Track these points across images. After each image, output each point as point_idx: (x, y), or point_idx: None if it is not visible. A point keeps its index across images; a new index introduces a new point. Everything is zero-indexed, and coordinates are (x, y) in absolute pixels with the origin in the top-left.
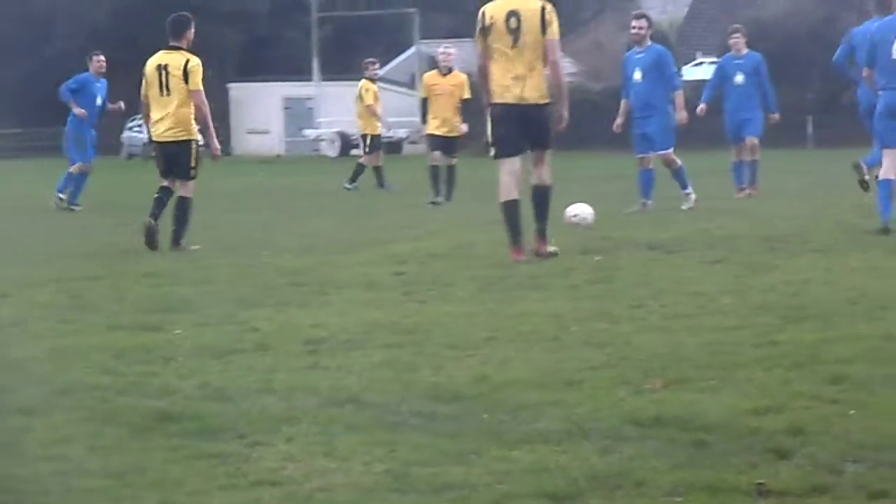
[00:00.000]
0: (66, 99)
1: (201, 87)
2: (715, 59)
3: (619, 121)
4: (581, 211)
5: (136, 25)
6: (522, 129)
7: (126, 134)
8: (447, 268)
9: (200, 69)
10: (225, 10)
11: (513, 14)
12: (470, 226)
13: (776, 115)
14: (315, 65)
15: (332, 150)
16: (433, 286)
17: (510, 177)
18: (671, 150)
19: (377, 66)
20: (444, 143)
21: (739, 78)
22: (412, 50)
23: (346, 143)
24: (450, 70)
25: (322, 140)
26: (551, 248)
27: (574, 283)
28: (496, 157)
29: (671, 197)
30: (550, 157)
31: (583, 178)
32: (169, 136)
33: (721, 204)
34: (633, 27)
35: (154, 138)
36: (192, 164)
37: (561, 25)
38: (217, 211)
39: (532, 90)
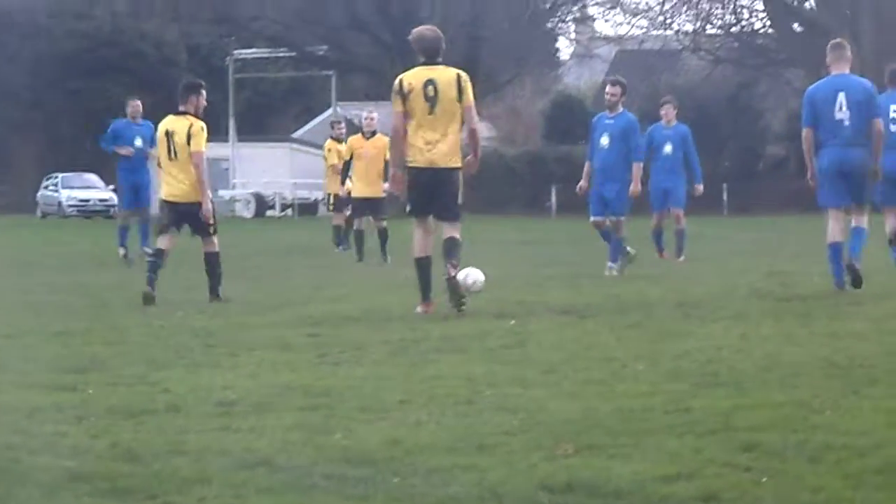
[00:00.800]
0: (109, 149)
1: (202, 150)
2: None
3: (582, 183)
4: (474, 276)
5: (46, 86)
6: (432, 191)
7: (41, 192)
8: (361, 330)
9: (204, 133)
10: (142, 70)
11: (430, 82)
12: (385, 288)
13: (700, 188)
14: (231, 126)
15: (247, 211)
16: (347, 349)
17: (423, 232)
18: (623, 218)
19: (342, 126)
20: (371, 206)
21: (668, 148)
22: (329, 112)
23: (261, 204)
24: (373, 133)
25: (237, 201)
26: (453, 273)
27: (488, 347)
28: (410, 214)
29: (585, 262)
30: (458, 225)
31: (497, 242)
32: (181, 198)
33: (635, 269)
34: (607, 92)
35: (164, 197)
36: (211, 222)
37: (477, 89)
38: (129, 271)
39: (443, 155)
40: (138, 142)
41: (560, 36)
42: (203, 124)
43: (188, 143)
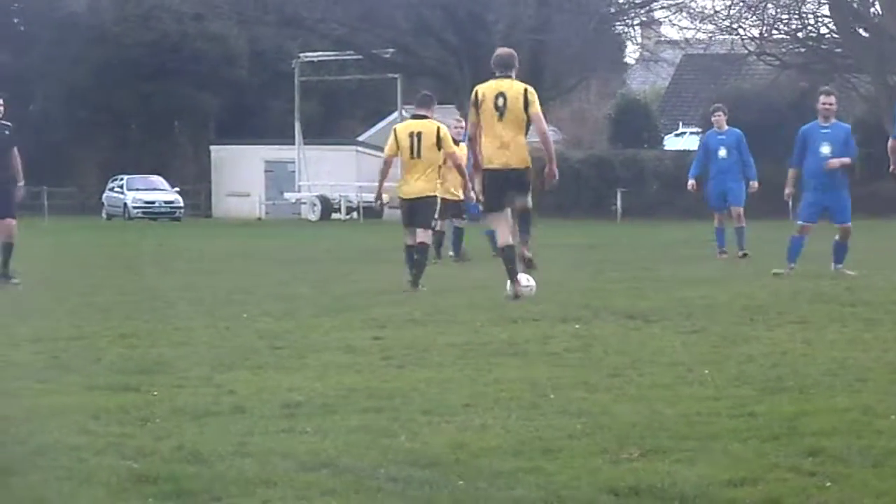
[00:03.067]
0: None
1: (455, 150)
2: (697, 130)
3: (788, 190)
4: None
5: (112, 88)
6: (506, 189)
7: (106, 194)
8: (426, 333)
9: (450, 134)
10: (208, 74)
11: (500, 95)
12: (450, 291)
13: (755, 184)
14: (297, 128)
15: (312, 214)
16: (411, 351)
17: (502, 225)
18: (850, 224)
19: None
20: (454, 207)
21: (723, 152)
22: (395, 115)
23: (327, 206)
24: (458, 141)
25: (303, 203)
26: (529, 254)
27: (553, 351)
28: (486, 211)
29: (650, 266)
30: (528, 199)
31: (563, 246)
32: (416, 194)
33: (700, 273)
34: (824, 103)
35: (402, 196)
36: (434, 216)
37: (543, 93)
38: (197, 273)
39: (514, 157)
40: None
41: (627, 40)
42: (446, 127)
43: (437, 146)
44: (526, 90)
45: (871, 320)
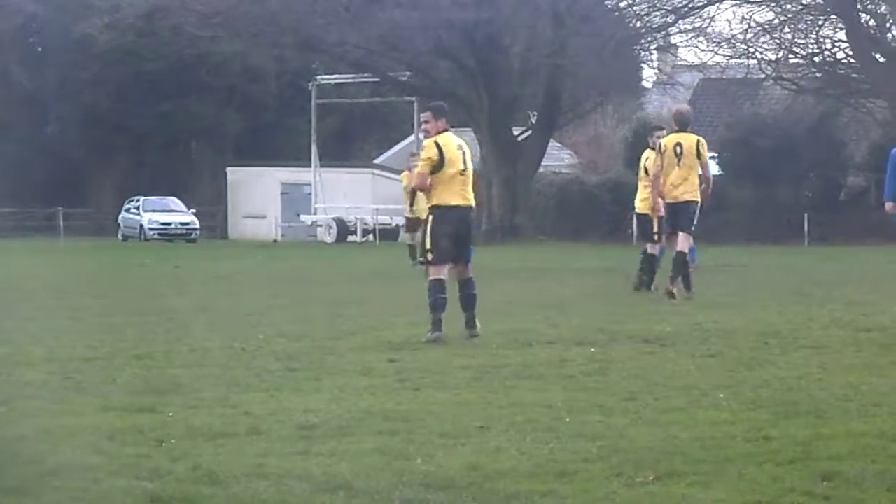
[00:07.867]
0: None
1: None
2: (713, 154)
3: None
4: None
5: (130, 108)
6: (675, 216)
7: (122, 216)
8: (441, 356)
9: (706, 148)
10: (226, 95)
11: (678, 144)
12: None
13: None
14: (314, 151)
15: (328, 236)
16: (427, 374)
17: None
18: None
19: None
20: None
21: None
22: (411, 138)
23: (343, 229)
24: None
25: (319, 226)
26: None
27: (569, 374)
28: (658, 238)
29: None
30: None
31: (579, 269)
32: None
33: (716, 298)
34: None
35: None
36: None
37: (560, 116)
38: (212, 294)
39: (683, 192)
40: None
41: (644, 64)
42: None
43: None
44: (698, 141)
45: (887, 345)
